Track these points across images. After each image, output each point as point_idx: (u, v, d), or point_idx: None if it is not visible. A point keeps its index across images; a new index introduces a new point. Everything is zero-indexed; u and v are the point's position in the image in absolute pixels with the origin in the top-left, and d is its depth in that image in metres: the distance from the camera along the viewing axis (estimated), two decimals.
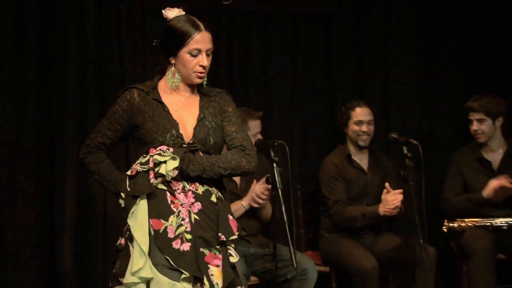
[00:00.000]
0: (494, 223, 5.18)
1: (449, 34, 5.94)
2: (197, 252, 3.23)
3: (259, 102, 5.31)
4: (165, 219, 3.23)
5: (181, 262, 3.18)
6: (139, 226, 3.24)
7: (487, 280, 5.03)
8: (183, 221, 3.24)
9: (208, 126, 3.37)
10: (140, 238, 3.21)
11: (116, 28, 4.97)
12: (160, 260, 3.19)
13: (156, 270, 3.17)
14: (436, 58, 5.91)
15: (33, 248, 4.71)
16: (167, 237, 3.21)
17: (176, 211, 3.26)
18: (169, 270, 3.18)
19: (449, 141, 5.80)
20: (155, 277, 3.17)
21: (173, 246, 3.20)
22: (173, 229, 3.23)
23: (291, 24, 5.49)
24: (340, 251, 5.04)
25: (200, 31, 3.30)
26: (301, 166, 5.48)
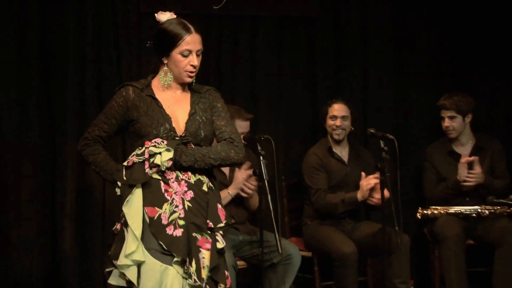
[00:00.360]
0: (464, 211, 5.22)
1: (421, 38, 5.94)
2: (190, 236, 3.23)
3: (246, 100, 5.31)
4: (159, 207, 3.23)
5: (173, 247, 3.18)
6: (133, 213, 3.23)
7: (457, 264, 5.08)
8: (176, 208, 3.24)
9: (199, 120, 3.37)
10: (133, 224, 3.20)
11: (114, 31, 4.96)
12: (153, 245, 3.19)
13: (149, 254, 3.18)
14: (409, 59, 5.92)
15: (36, 235, 4.71)
16: (161, 224, 3.21)
17: (170, 199, 3.25)
18: (161, 255, 3.18)
19: (422, 136, 5.82)
20: (148, 261, 3.17)
21: (166, 232, 3.20)
22: (167, 216, 3.23)
23: (276, 27, 5.50)
24: (322, 238, 5.07)
25: (190, 33, 3.30)
26: (286, 159, 5.49)
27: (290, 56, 5.57)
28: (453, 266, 5.08)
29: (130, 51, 5.00)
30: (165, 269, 3.17)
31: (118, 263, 3.19)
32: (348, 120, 5.20)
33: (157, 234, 3.20)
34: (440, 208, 5.26)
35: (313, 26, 5.60)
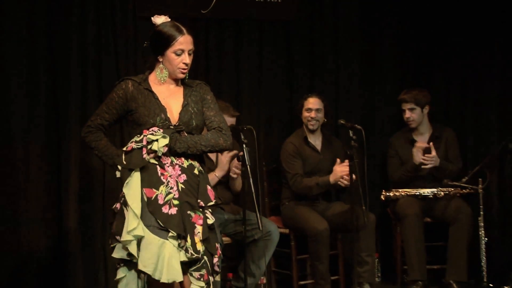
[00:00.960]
0: (422, 192, 5.27)
1: (386, 39, 5.95)
2: (184, 214, 3.25)
3: (231, 94, 5.31)
4: (156, 188, 3.24)
5: (169, 224, 3.20)
6: (133, 194, 3.24)
7: (416, 239, 5.13)
8: (171, 190, 3.26)
9: (191, 111, 3.39)
10: (133, 204, 3.21)
11: (112, 32, 4.90)
12: (151, 222, 3.20)
13: (148, 230, 3.19)
14: (375, 58, 5.94)
15: (43, 211, 4.67)
16: (158, 203, 3.23)
17: (166, 181, 3.27)
18: (159, 230, 3.20)
19: (386, 126, 5.85)
20: (147, 236, 3.18)
21: (162, 211, 3.22)
22: (163, 197, 3.24)
23: (258, 30, 5.48)
24: (298, 216, 5.10)
25: (183, 34, 3.32)
26: (266, 147, 5.48)
27: (270, 55, 5.55)
28: (412, 241, 5.13)
29: (127, 50, 4.93)
30: (162, 243, 3.18)
31: (122, 239, 3.20)
32: (321, 113, 5.23)
33: (154, 212, 3.21)
34: (401, 190, 5.33)
35: (290, 29, 5.60)
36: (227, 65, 5.40)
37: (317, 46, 5.72)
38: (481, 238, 5.22)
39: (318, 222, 4.97)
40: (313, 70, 5.72)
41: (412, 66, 6.06)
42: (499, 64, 5.69)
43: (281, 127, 5.60)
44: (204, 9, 5.19)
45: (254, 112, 5.48)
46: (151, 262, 3.17)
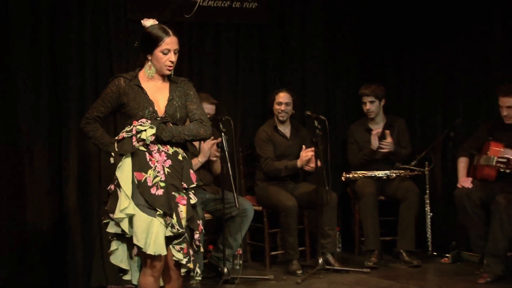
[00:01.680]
0: (377, 174, 5.32)
1: (346, 40, 5.97)
2: (170, 195, 3.25)
3: (211, 89, 5.26)
4: (145, 172, 3.24)
5: (157, 203, 3.21)
6: (125, 177, 3.24)
7: (371, 214, 5.19)
8: (158, 173, 3.25)
9: (176, 105, 3.37)
10: (125, 186, 3.22)
11: (106, 33, 4.76)
12: (141, 202, 3.20)
13: (138, 209, 3.19)
14: (337, 57, 5.95)
15: (47, 193, 4.58)
16: (146, 185, 3.22)
17: (153, 166, 3.26)
18: (147, 209, 3.20)
19: (347, 116, 5.88)
20: (137, 214, 3.18)
21: (150, 192, 3.22)
22: (151, 179, 3.23)
23: (235, 32, 5.46)
24: (270, 195, 5.14)
25: (169, 36, 3.31)
26: (242, 135, 5.48)
27: (246, 55, 5.54)
28: (368, 216, 5.18)
29: (120, 49, 4.83)
30: (151, 220, 3.18)
31: (114, 216, 3.20)
32: (290, 106, 5.25)
33: (143, 193, 3.21)
34: (359, 172, 5.37)
35: (263, 31, 5.59)
36: (208, 63, 5.37)
37: (287, 46, 5.72)
38: (426, 214, 5.36)
39: (288, 199, 5.01)
40: (283, 67, 5.73)
41: (368, 64, 6.08)
42: (443, 63, 5.70)
43: (255, 118, 5.59)
44: (188, 14, 5.16)
45: (232, 105, 5.45)
46: (142, 237, 3.16)
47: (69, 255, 4.62)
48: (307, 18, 5.78)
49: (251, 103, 5.60)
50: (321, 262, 4.92)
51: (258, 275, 4.91)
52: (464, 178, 4.96)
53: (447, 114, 5.67)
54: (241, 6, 5.40)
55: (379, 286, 4.62)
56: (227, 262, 4.71)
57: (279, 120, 5.28)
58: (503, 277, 4.62)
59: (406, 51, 5.94)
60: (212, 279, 4.75)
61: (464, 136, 5.37)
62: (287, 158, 5.23)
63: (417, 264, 5.10)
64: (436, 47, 5.73)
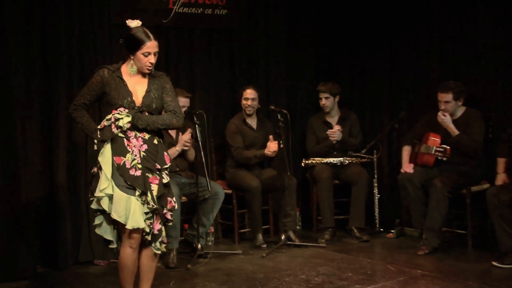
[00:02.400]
0: (332, 161, 5.36)
1: (305, 42, 5.97)
2: (144, 176, 3.27)
3: (186, 86, 5.21)
4: (123, 156, 3.26)
5: (136, 183, 3.24)
6: (106, 161, 3.26)
7: (327, 196, 5.24)
8: (135, 157, 3.28)
9: (152, 96, 3.37)
10: (106, 169, 3.24)
11: (92, 34, 4.72)
12: (121, 182, 3.22)
13: (118, 189, 3.21)
14: (297, 57, 5.95)
15: (38, 172, 4.52)
16: (126, 168, 3.24)
17: (131, 150, 3.28)
18: (127, 189, 3.22)
19: (306, 110, 5.89)
20: (117, 193, 3.20)
21: (130, 173, 3.24)
22: (129, 162, 3.26)
23: (207, 35, 5.44)
24: (238, 178, 5.16)
25: (150, 40, 3.30)
26: (214, 126, 5.46)
27: (217, 55, 5.52)
28: (324, 198, 5.23)
29: (104, 48, 4.78)
30: (129, 198, 3.21)
31: (95, 195, 3.25)
32: (256, 101, 5.25)
33: (123, 174, 3.23)
34: (317, 159, 5.39)
35: (232, 35, 5.59)
36: (183, 63, 5.34)
37: (253, 48, 5.73)
38: (374, 195, 5.44)
39: (252, 180, 5.04)
40: (249, 67, 5.72)
41: (324, 64, 6.08)
42: (389, 63, 5.73)
43: (225, 111, 5.58)
44: (165, 19, 5.13)
45: (205, 100, 5.43)
46: (122, 213, 3.19)
47: (59, 232, 4.57)
48: (271, 24, 5.79)
49: (222, 98, 5.59)
50: (283, 238, 4.95)
51: (228, 250, 4.93)
52: (407, 164, 5.02)
53: (392, 108, 5.70)
54: (213, 12, 5.39)
55: (333, 258, 4.67)
56: (200, 239, 4.73)
57: (246, 113, 5.28)
58: (439, 249, 4.74)
59: (357, 53, 5.95)
60: (188, 254, 4.77)
61: (407, 128, 5.41)
62: (254, 147, 5.25)
63: (366, 239, 5.16)
64: (383, 49, 5.77)
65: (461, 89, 4.83)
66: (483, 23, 5.07)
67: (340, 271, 4.33)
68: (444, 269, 4.34)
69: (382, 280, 4.11)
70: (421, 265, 4.44)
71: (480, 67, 5.10)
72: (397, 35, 5.66)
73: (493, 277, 4.17)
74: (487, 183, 4.85)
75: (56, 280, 4.33)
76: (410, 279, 4.12)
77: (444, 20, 5.33)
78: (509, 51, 4.91)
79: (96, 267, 4.65)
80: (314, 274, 4.26)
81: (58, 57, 4.61)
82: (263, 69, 5.80)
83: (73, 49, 4.68)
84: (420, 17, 5.50)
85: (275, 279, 4.18)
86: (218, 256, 4.74)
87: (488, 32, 5.04)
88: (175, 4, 5.17)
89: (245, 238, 5.26)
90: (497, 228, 4.39)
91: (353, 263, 4.53)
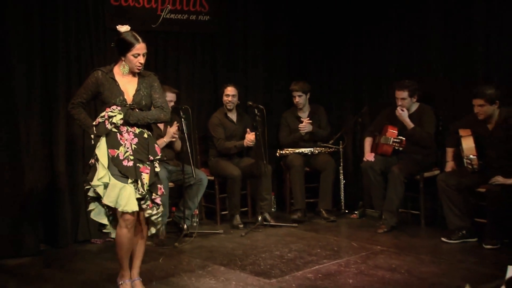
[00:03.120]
0: (303, 151, 5.36)
1: (279, 45, 5.95)
2: (136, 166, 3.28)
3: (173, 83, 5.15)
4: (117, 149, 3.26)
5: (128, 173, 3.25)
6: (102, 153, 3.26)
7: (299, 182, 5.24)
8: (128, 149, 3.28)
9: (142, 94, 3.35)
10: (102, 160, 3.25)
11: (88, 37, 4.68)
12: (115, 172, 3.23)
13: (113, 178, 3.22)
14: (272, 58, 5.94)
15: (41, 161, 4.48)
16: (119, 159, 3.25)
17: (123, 144, 3.28)
18: (121, 178, 3.23)
19: (280, 106, 5.86)
20: (112, 181, 3.22)
21: (123, 164, 3.25)
22: (122, 154, 3.26)
23: (192, 39, 5.42)
24: (220, 167, 5.15)
25: (139, 42, 3.30)
26: (198, 120, 5.39)
27: (201, 57, 5.49)
28: (296, 183, 5.24)
29: (99, 49, 4.73)
30: (123, 186, 3.22)
31: (92, 183, 3.24)
32: (236, 97, 5.24)
33: (118, 165, 3.24)
34: (290, 150, 5.40)
35: (215, 38, 5.56)
36: (170, 64, 5.31)
37: (233, 50, 5.70)
38: (340, 181, 5.48)
39: (234, 170, 5.04)
40: (230, 66, 5.69)
41: (296, 65, 6.08)
42: (352, 63, 5.73)
43: (208, 107, 5.55)
44: (154, 24, 5.11)
45: (190, 96, 5.40)
46: (113, 199, 3.20)
47: (59, 214, 4.55)
48: (248, 29, 5.78)
49: (205, 95, 5.57)
50: (260, 219, 4.98)
51: (211, 230, 4.93)
52: (368, 154, 5.07)
53: (355, 104, 5.73)
54: (196, 18, 5.37)
55: (304, 237, 4.69)
56: (186, 220, 4.72)
57: (227, 108, 5.27)
58: (396, 227, 4.82)
59: (324, 55, 5.97)
60: (175, 233, 4.76)
61: (368, 121, 5.44)
62: (234, 138, 5.24)
63: (333, 219, 5.19)
64: (347, 51, 5.78)
65: (415, 87, 4.91)
66: (433, 28, 5.13)
67: (310, 248, 4.36)
68: (400, 245, 4.40)
69: (346, 255, 4.16)
70: (380, 241, 4.49)
71: (431, 67, 5.15)
72: (360, 39, 5.69)
73: (442, 251, 4.26)
74: (438, 169, 4.94)
75: (56, 257, 4.34)
76: (371, 254, 4.17)
77: (400, 26, 5.38)
78: (455, 52, 4.99)
79: (93, 245, 4.64)
80: (287, 251, 4.29)
81: (56, 59, 4.57)
82: (241, 69, 5.79)
83: (71, 53, 4.64)
84: (379, 23, 5.53)
85: (252, 255, 4.20)
86: (202, 235, 4.75)
87: (438, 36, 5.11)
88: (163, 11, 5.15)
89: (226, 219, 5.25)
90: (445, 209, 4.49)
91: (321, 241, 4.55)
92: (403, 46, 5.36)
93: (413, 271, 3.79)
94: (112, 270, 3.69)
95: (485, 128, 4.41)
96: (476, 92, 4.33)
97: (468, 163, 4.31)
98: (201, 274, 3.82)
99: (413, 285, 3.55)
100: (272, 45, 5.95)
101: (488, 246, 4.23)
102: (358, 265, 3.92)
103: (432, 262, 3.98)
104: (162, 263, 4.07)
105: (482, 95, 4.28)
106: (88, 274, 3.88)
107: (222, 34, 5.62)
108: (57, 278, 3.82)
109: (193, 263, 4.07)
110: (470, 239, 4.40)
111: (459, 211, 4.42)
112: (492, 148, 4.37)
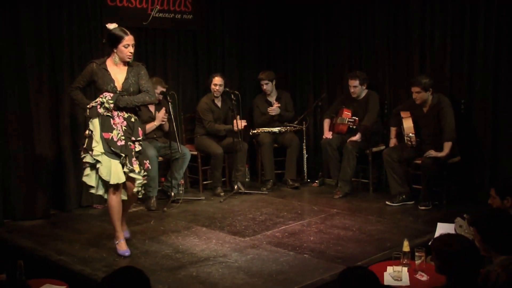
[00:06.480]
0: (272, 130, 5.29)
1: (251, 39, 5.84)
2: (127, 144, 3.32)
3: (162, 75, 5.04)
4: (111, 132, 3.28)
5: (123, 150, 3.29)
6: (95, 126, 3.28)
7: (269, 156, 5.21)
8: (119, 131, 3.30)
9: (130, 82, 3.34)
10: (95, 133, 3.27)
11: (88, 35, 4.55)
12: (107, 150, 3.26)
13: (104, 155, 3.24)
14: (245, 51, 5.80)
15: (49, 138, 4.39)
16: (114, 140, 3.27)
17: (115, 127, 3.30)
18: (111, 155, 3.26)
19: (252, 91, 5.75)
20: (104, 158, 3.23)
21: (117, 144, 3.28)
22: (116, 136, 3.28)
23: (177, 35, 5.30)
24: (205, 145, 5.05)
25: (128, 35, 3.32)
26: (183, 104, 5.33)
27: (185, 51, 5.39)
28: (267, 157, 5.21)
29: (97, 43, 4.60)
30: (112, 161, 3.26)
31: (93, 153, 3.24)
32: (222, 86, 5.07)
33: (112, 146, 3.27)
34: (261, 129, 5.34)
35: (197, 35, 5.45)
36: (159, 57, 5.21)
37: (212, 45, 5.60)
38: (304, 155, 5.44)
39: (217, 148, 4.98)
40: (209, 60, 5.59)
41: (266, 56, 5.98)
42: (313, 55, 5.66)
43: (191, 93, 5.47)
44: (145, 22, 5.01)
45: (176, 85, 5.30)
46: (107, 173, 3.24)
47: (66, 182, 4.52)
48: (225, 27, 5.68)
49: (188, 83, 5.48)
50: (236, 187, 4.97)
51: (194, 197, 4.92)
52: (327, 132, 5.09)
53: (316, 90, 5.70)
54: (181, 17, 5.27)
55: (273, 202, 4.71)
56: (173, 189, 4.71)
57: (214, 95, 5.13)
58: (349, 193, 4.88)
59: (289, 48, 5.87)
60: (164, 200, 4.73)
61: (327, 105, 5.43)
62: (218, 121, 5.15)
63: (297, 186, 5.18)
64: (308, 44, 5.71)
65: (365, 76, 4.97)
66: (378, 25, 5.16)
67: (278, 211, 4.38)
68: (352, 208, 4.47)
69: (308, 217, 4.20)
70: (336, 205, 4.55)
71: (377, 58, 5.19)
72: (318, 34, 5.67)
73: (386, 212, 4.35)
74: (383, 145, 5.00)
75: (64, 220, 4.34)
76: (329, 215, 4.23)
77: (352, 22, 5.38)
78: (397, 45, 5.02)
79: (94, 210, 4.62)
80: (258, 214, 4.32)
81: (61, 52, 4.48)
82: (220, 61, 5.70)
83: (73, 48, 4.55)
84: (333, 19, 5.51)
85: (229, 217, 4.23)
86: (187, 201, 4.73)
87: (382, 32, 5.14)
88: (153, 11, 5.07)
89: (207, 188, 5.23)
90: (389, 177, 4.57)
91: (288, 205, 4.57)
92: (354, 41, 5.36)
93: (363, 229, 3.88)
94: (110, 230, 3.69)
95: (421, 111, 4.50)
96: (414, 81, 4.43)
97: (407, 140, 4.38)
98: (186, 233, 3.85)
99: (363, 240, 3.65)
100: (244, 40, 5.86)
101: (422, 207, 4.37)
102: (318, 225, 3.97)
103: (378, 221, 4.07)
104: (153, 225, 4.09)
105: (418, 84, 4.38)
106: (91, 233, 3.92)
107: (203, 32, 5.53)
108: (65, 236, 3.87)
109: (179, 224, 4.08)
110: (409, 202, 4.51)
111: (400, 179, 4.52)
112: (426, 127, 4.48)
